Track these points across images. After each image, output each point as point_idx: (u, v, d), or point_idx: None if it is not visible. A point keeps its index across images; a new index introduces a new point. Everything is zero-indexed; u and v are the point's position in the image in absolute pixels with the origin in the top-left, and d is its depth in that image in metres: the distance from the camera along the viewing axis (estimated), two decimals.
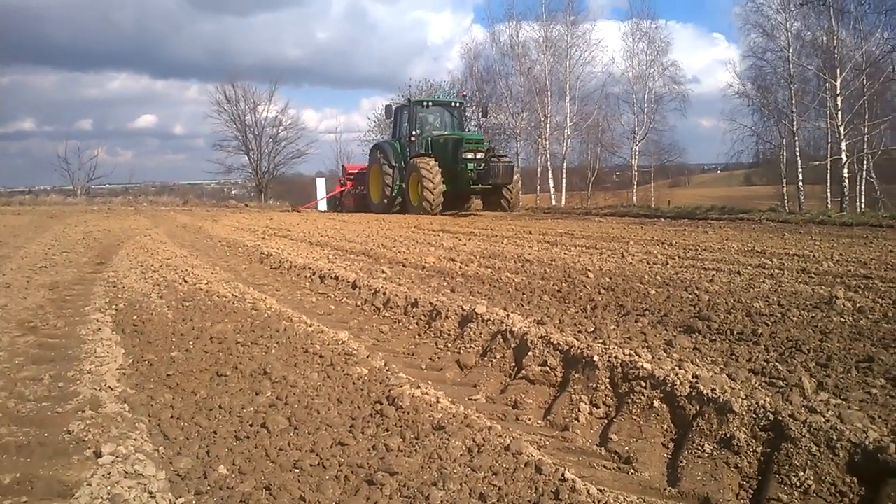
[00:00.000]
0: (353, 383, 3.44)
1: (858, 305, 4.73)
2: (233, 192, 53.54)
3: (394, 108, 23.25)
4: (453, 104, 23.25)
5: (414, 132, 21.21)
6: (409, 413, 2.94)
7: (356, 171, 25.56)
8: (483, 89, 40.30)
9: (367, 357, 3.89)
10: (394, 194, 21.20)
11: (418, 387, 3.29)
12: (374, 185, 22.67)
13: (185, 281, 6.77)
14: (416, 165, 19.50)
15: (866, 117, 27.41)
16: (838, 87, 26.22)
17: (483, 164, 19.42)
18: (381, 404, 3.10)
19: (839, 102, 26.13)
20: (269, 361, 3.89)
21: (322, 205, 28.34)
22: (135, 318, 5.24)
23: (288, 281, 7.42)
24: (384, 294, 5.80)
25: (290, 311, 5.24)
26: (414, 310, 5.26)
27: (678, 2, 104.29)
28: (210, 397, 3.45)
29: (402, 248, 9.69)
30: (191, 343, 4.41)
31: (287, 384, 3.51)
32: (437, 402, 3.04)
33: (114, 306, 5.75)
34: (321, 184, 35.01)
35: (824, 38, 27.57)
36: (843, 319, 4.35)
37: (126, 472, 2.50)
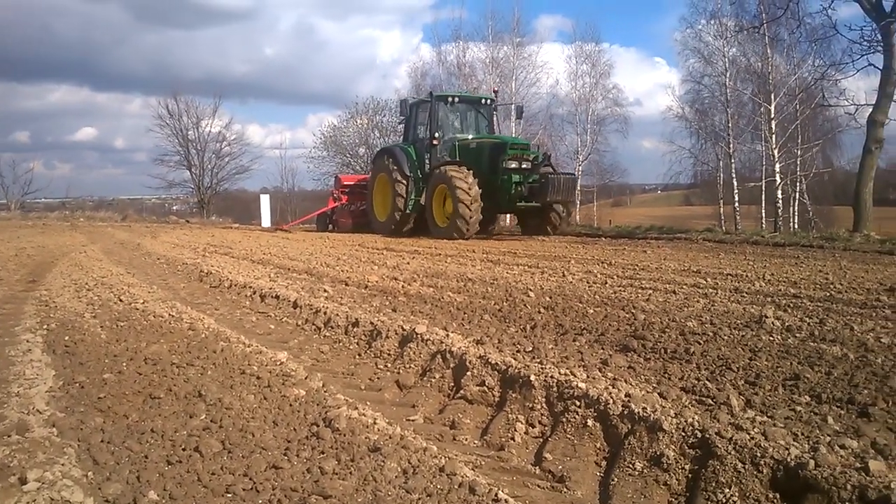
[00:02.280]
0: (290, 405, 3.41)
1: (787, 324, 4.88)
2: (174, 207, 52.57)
3: (409, 103, 18.35)
4: (484, 101, 18.74)
5: (437, 134, 17.04)
6: (345, 435, 2.93)
7: (353, 182, 21.95)
8: None
9: (306, 378, 3.86)
10: (408, 211, 17.24)
11: (356, 408, 3.28)
12: (381, 200, 18.52)
13: (121, 300, 6.62)
14: (445, 175, 15.37)
15: (799, 141, 28.45)
16: (772, 112, 27.15)
17: (537, 177, 15.34)
18: (318, 426, 3.08)
19: (773, 126, 27.05)
20: (204, 383, 3.83)
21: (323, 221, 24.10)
22: (66, 338, 5.10)
23: (228, 300, 7.31)
24: (325, 313, 5.77)
25: (228, 331, 5.16)
26: (355, 329, 5.25)
27: (621, 26, 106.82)
28: (142, 420, 3.38)
29: (345, 266, 9.65)
30: (124, 364, 4.30)
31: (222, 406, 3.46)
32: (374, 423, 3.04)
33: (45, 326, 5.59)
34: (265, 200, 34.63)
35: (759, 65, 28.57)
36: (771, 338, 4.48)
37: (52, 499, 2.43)
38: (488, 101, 18.71)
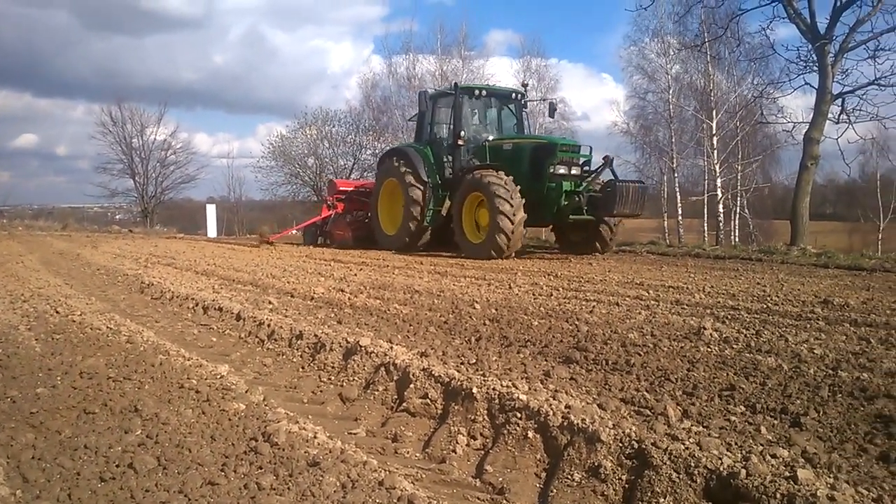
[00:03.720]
0: (229, 419, 3.36)
1: (725, 336, 5.00)
2: (117, 217, 51.39)
3: (427, 95, 15.38)
4: (514, 96, 15.62)
5: (462, 132, 14.50)
6: (284, 449, 2.89)
7: (350, 189, 18.79)
8: (380, 119, 40.63)
9: (246, 392, 3.80)
10: (426, 223, 14.59)
11: (296, 422, 3.25)
12: (389, 210, 15.91)
13: (58, 312, 6.43)
14: (481, 182, 12.61)
15: (739, 156, 29.26)
16: (714, 128, 27.88)
17: (587, 185, 12.86)
18: (257, 441, 3.03)
19: (715, 142, 27.77)
20: (141, 398, 3.74)
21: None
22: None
23: (169, 312, 7.16)
24: (269, 326, 5.70)
25: (168, 344, 5.06)
26: (299, 342, 5.19)
27: (569, 42, 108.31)
28: (76, 436, 3.28)
29: (291, 277, 9.55)
30: (59, 378, 4.18)
31: (159, 421, 3.39)
32: (315, 437, 3.01)
33: None
34: (211, 210, 34.15)
35: (701, 82, 29.34)
36: (709, 349, 4.58)
37: None
38: (518, 96, 15.66)
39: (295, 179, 45.49)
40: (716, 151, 27.65)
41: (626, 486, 2.63)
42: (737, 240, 28.17)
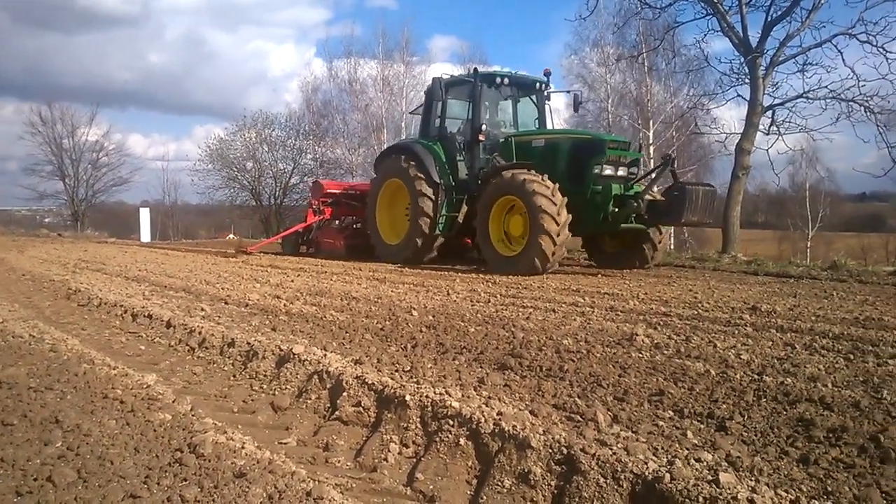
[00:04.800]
0: (154, 430, 3.26)
1: (656, 342, 5.09)
2: (46, 220, 49.81)
3: (442, 82, 12.79)
4: (538, 86, 13.65)
5: (484, 126, 12.57)
6: (210, 461, 2.82)
7: (339, 191, 16.64)
8: (320, 123, 40.37)
9: (174, 402, 3.70)
10: (438, 231, 12.61)
11: (225, 432, 3.17)
12: (390, 216, 14.09)
13: None
14: (516, 184, 10.61)
15: (675, 166, 29.88)
16: (651, 137, 28.47)
17: (637, 189, 11.06)
18: (182, 452, 2.95)
19: (652, 151, 28.34)
20: (63, 408, 3.61)
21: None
22: None
23: (96, 319, 6.94)
24: (200, 333, 5.57)
25: (93, 353, 4.89)
26: (230, 350, 5.09)
27: (511, 50, 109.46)
28: None
29: (226, 284, 9.38)
30: None
31: (80, 433, 3.26)
32: (242, 447, 2.94)
33: None
34: (145, 214, 33.36)
35: (639, 92, 29.96)
36: (641, 355, 4.66)
37: None
38: (542, 86, 13.72)
39: (233, 183, 44.75)
40: (652, 161, 28.26)
41: (555, 491, 2.65)
42: (671, 247, 28.83)
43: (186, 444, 3.02)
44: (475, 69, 13.09)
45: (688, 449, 2.85)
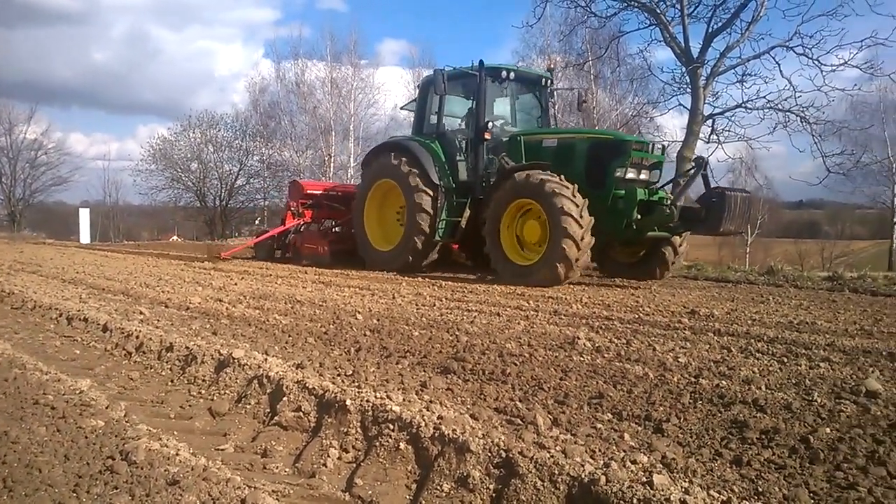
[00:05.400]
0: (86, 437, 3.17)
1: (597, 345, 5.15)
2: None
3: (443, 74, 11.43)
4: (543, 81, 12.68)
5: (490, 124, 11.55)
6: (142, 468, 2.75)
7: (320, 192, 15.28)
8: (268, 125, 39.97)
9: (107, 407, 3.61)
10: (438, 237, 11.61)
11: (159, 439, 3.10)
12: (380, 220, 12.95)
13: None
14: (535, 186, 9.70)
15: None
16: None
17: (663, 194, 10.23)
18: (114, 459, 2.87)
19: None
20: None
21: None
22: None
23: (30, 323, 6.72)
24: (137, 337, 5.44)
25: (25, 358, 4.74)
26: (168, 354, 4.98)
27: (459, 54, 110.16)
28: None
29: (166, 287, 9.18)
30: None
31: (8, 440, 3.15)
32: (177, 454, 2.88)
33: None
34: (85, 215, 32.49)
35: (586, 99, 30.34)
36: (582, 358, 4.71)
37: None
38: (546, 82, 12.74)
39: (177, 184, 44.06)
40: None
41: (494, 495, 2.65)
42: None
43: (119, 452, 2.94)
44: (481, 61, 11.76)
45: (624, 451, 2.89)
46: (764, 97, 17.96)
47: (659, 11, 18.22)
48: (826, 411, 3.45)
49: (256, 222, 45.89)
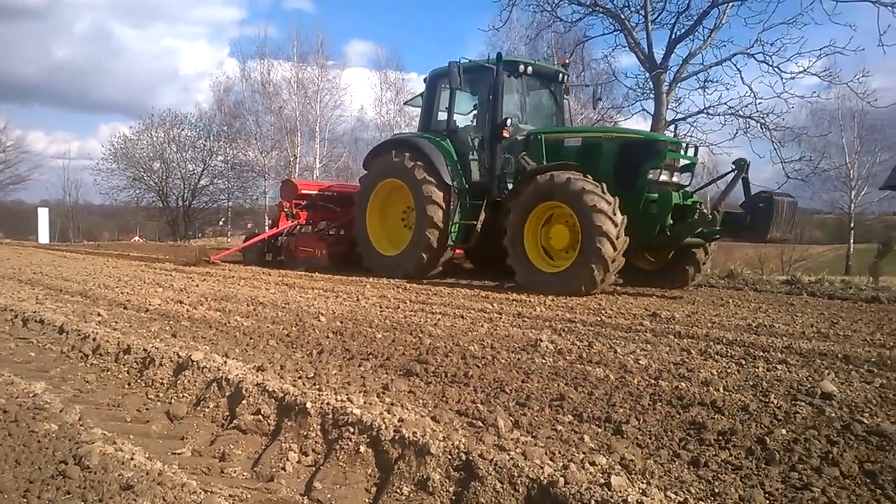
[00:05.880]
0: (38, 441, 3.09)
1: (559, 347, 5.18)
2: None
3: (458, 67, 10.59)
4: (560, 77, 12.04)
5: (509, 121, 10.65)
6: (96, 473, 2.69)
7: (315, 192, 14.41)
8: (232, 124, 39.63)
9: (61, 411, 3.52)
10: (451, 242, 10.89)
11: (114, 443, 3.04)
12: (382, 222, 12.13)
13: None
14: (559, 187, 9.04)
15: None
16: None
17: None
18: (67, 464, 2.81)
19: None
20: None
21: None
22: None
23: None
24: (94, 339, 5.33)
25: None
26: (126, 357, 4.89)
27: (427, 58, 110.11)
28: None
29: (126, 288, 9.04)
30: None
31: None
32: (132, 458, 2.82)
33: None
34: (43, 214, 31.92)
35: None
36: (544, 361, 4.73)
37: None
38: (563, 78, 12.13)
39: (138, 184, 43.43)
40: None
41: (454, 497, 2.65)
42: None
43: (72, 456, 2.88)
44: (498, 54, 10.98)
45: (584, 453, 2.90)
46: (725, 103, 18.25)
47: (623, 17, 18.43)
48: (782, 413, 3.51)
49: (220, 223, 45.50)
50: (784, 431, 3.21)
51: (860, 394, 3.92)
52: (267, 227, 15.08)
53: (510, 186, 10.45)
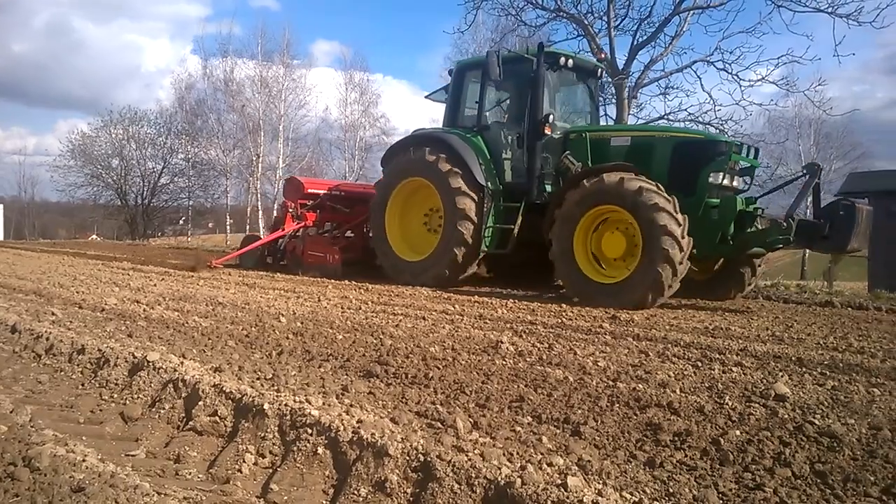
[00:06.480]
0: None
1: (520, 349, 5.20)
2: None
3: (498, 57, 9.70)
4: (598, 72, 11.39)
5: (551, 117, 9.81)
6: (46, 475, 2.64)
7: (324, 192, 13.16)
8: (194, 122, 39.17)
9: (11, 412, 3.45)
10: (486, 247, 9.94)
11: (66, 444, 2.98)
12: (403, 225, 11.12)
13: None
14: (622, 192, 8.18)
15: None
16: None
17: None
18: (16, 466, 2.74)
19: None
20: None
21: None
22: None
23: None
24: (48, 339, 5.22)
25: None
26: (80, 357, 4.79)
27: (393, 60, 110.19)
28: None
29: (82, 287, 8.87)
30: None
31: None
32: (83, 460, 2.77)
33: None
34: None
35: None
36: (504, 362, 4.74)
37: None
38: (601, 72, 11.45)
39: (96, 181, 42.64)
40: None
41: (411, 499, 2.64)
42: None
43: (21, 458, 2.81)
44: (540, 44, 10.18)
45: (542, 454, 2.92)
46: (686, 109, 18.52)
47: (586, 23, 18.61)
48: (737, 414, 3.56)
49: (181, 222, 44.90)
50: (738, 432, 3.26)
51: (813, 396, 4.00)
52: (262, 229, 14.07)
53: (548, 188, 9.89)
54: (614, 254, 8.56)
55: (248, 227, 35.87)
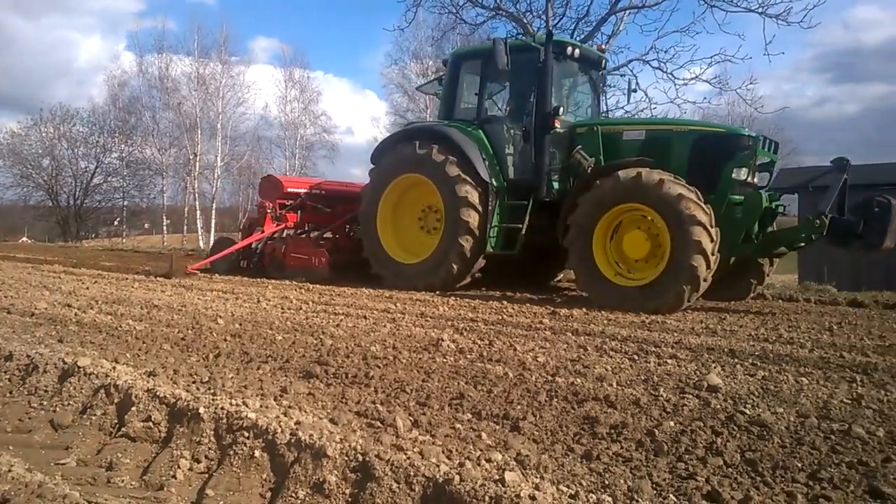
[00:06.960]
0: None
1: (460, 346, 5.22)
2: None
3: (506, 45, 9.20)
4: (602, 62, 10.86)
5: (561, 109, 9.46)
6: None
7: (304, 190, 12.37)
8: (127, 120, 38.27)
9: None
10: (491, 248, 9.44)
11: None
12: (396, 225, 10.44)
13: None
14: (646, 188, 7.72)
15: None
16: None
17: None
18: None
19: None
20: None
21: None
22: None
23: None
24: None
25: None
26: (7, 364, 4.62)
27: (334, 57, 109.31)
28: None
29: (10, 291, 8.56)
30: None
31: None
32: (10, 470, 2.68)
33: None
34: None
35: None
36: (445, 360, 4.76)
37: None
38: (604, 63, 10.99)
39: (26, 182, 41.28)
40: None
41: (350, 499, 2.63)
42: None
43: None
44: (549, 33, 9.66)
45: (481, 450, 2.94)
46: (622, 108, 18.83)
47: (525, 21, 18.77)
48: (671, 405, 3.65)
49: (115, 223, 43.79)
50: (672, 423, 3.33)
51: (744, 386, 4.12)
52: (241, 232, 13.16)
53: (555, 185, 9.50)
54: (637, 254, 8.09)
55: (185, 227, 35.21)
